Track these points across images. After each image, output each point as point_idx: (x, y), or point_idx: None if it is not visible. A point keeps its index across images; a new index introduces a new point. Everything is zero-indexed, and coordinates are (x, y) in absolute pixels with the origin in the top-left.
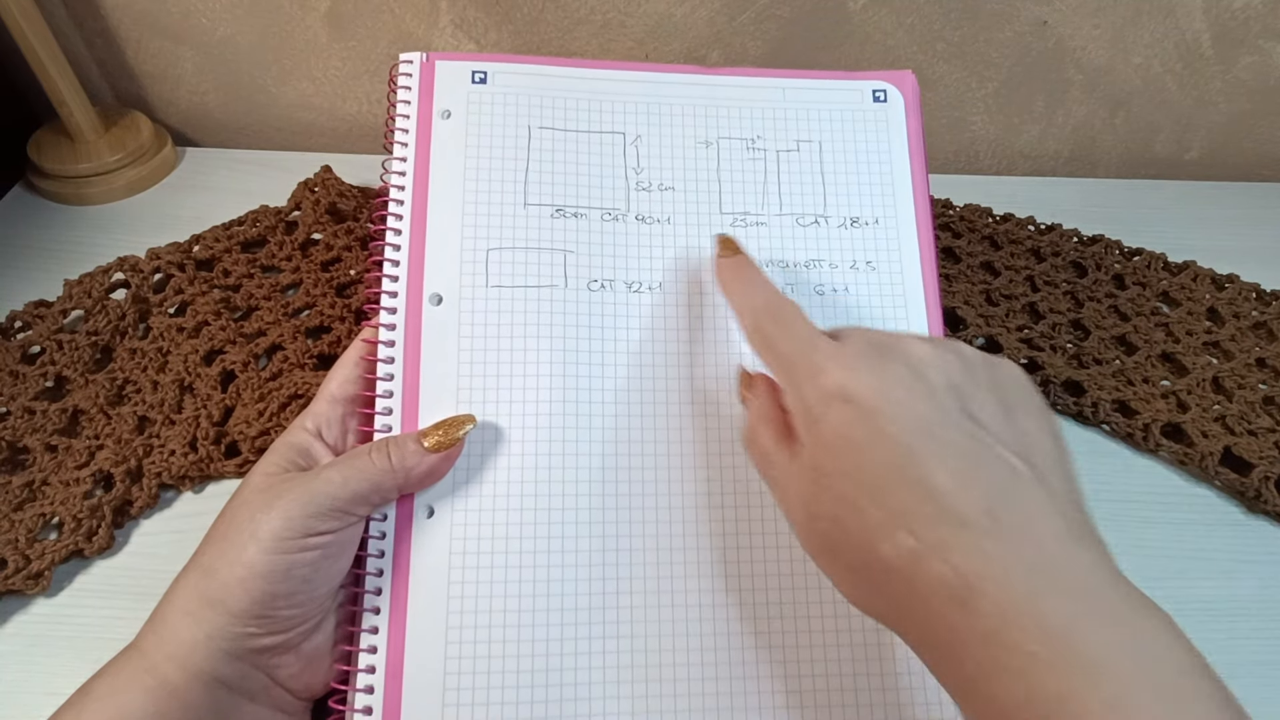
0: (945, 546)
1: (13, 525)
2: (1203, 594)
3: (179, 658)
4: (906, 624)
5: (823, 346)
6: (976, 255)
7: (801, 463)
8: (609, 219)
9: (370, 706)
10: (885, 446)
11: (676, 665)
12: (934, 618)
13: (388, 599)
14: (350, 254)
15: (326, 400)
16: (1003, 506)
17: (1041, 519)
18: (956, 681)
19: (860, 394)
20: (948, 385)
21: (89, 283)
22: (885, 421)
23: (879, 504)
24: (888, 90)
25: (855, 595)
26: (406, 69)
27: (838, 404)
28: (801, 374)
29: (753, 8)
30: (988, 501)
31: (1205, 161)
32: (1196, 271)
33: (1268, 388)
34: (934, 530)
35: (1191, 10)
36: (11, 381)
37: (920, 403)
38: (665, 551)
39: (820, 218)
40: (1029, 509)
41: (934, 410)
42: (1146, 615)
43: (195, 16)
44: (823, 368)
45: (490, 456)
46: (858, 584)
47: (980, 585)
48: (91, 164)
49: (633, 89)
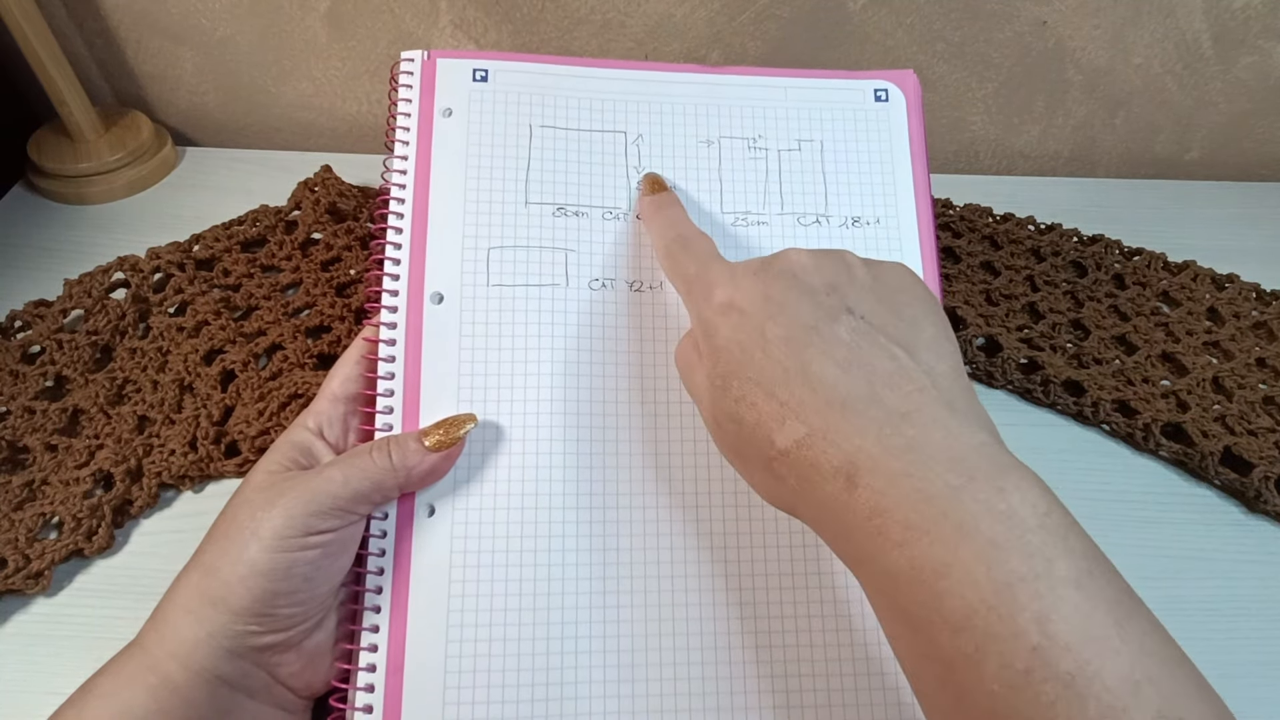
0: (830, 430)
1: (13, 525)
2: (1203, 594)
3: (180, 656)
4: (805, 508)
5: (716, 267)
6: (977, 255)
7: (706, 372)
8: (610, 218)
9: (371, 705)
10: (771, 345)
11: (676, 665)
12: (825, 498)
13: (388, 598)
14: (350, 253)
15: (328, 399)
16: (883, 390)
17: (920, 399)
18: (851, 556)
19: (745, 302)
20: (827, 285)
21: (89, 282)
22: (769, 323)
23: (770, 398)
24: (889, 90)
25: (764, 489)
26: (408, 67)
27: (727, 313)
28: (698, 292)
29: (752, 8)
30: (869, 387)
31: (1205, 161)
32: (1196, 271)
33: (1268, 387)
34: (819, 416)
35: (1191, 10)
36: (11, 381)
37: (801, 303)
38: (665, 551)
39: (821, 217)
40: (908, 391)
41: (814, 308)
42: (1017, 478)
43: (195, 17)
44: (715, 283)
45: (491, 455)
46: (764, 479)
47: (862, 463)
48: (91, 163)
49: (634, 88)
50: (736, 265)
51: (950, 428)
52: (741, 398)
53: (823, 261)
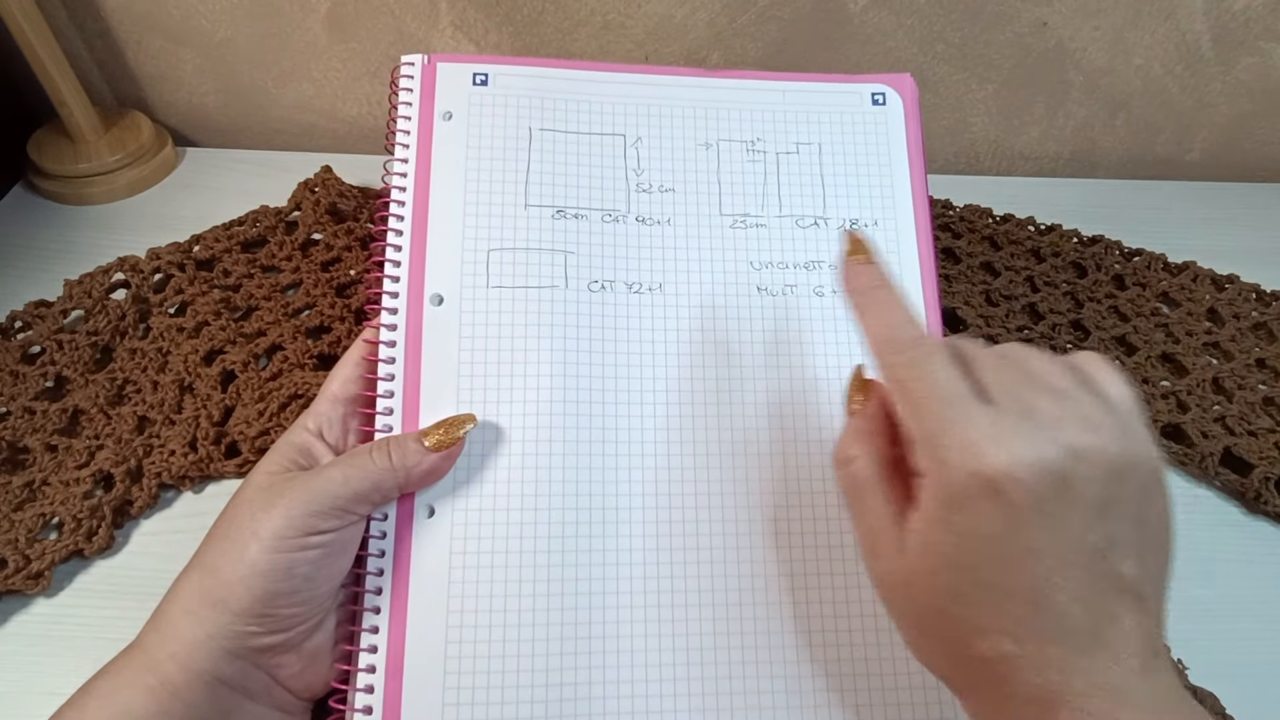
0: (1042, 659)
1: (13, 525)
2: (1203, 594)
3: (180, 656)
4: (973, 699)
5: (976, 416)
6: (976, 256)
7: (915, 533)
8: (609, 220)
9: (370, 706)
10: (1018, 555)
11: (676, 665)
12: (1012, 715)
13: (388, 598)
14: (350, 254)
15: (328, 400)
16: (1106, 627)
17: (1135, 641)
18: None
19: (1014, 493)
20: (1099, 500)
21: (89, 283)
22: (1030, 531)
23: (991, 605)
24: (886, 93)
25: (934, 664)
26: (408, 70)
27: (986, 495)
28: (950, 443)
29: (753, 9)
30: (1093, 623)
31: (1206, 163)
32: (1196, 272)
33: (1268, 388)
34: (1037, 642)
35: (1192, 12)
36: (12, 381)
37: (1067, 517)
38: (665, 551)
39: (820, 219)
40: (1127, 630)
41: (1077, 528)
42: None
43: (196, 18)
44: (977, 445)
45: (491, 456)
46: (942, 660)
47: (1067, 699)
48: (92, 164)
49: (633, 91)
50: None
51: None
52: (954, 587)
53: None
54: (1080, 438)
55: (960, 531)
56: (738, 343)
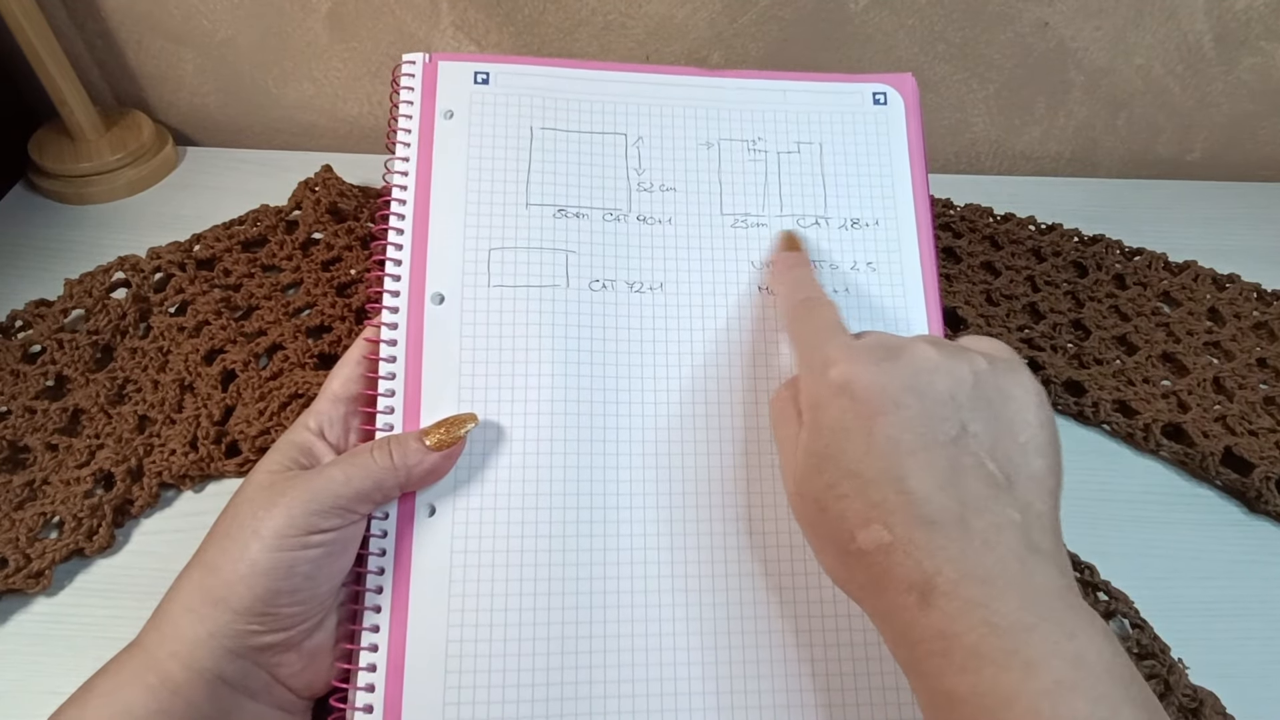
0: (914, 544)
1: (13, 524)
2: (1203, 594)
3: (181, 655)
4: (869, 603)
5: (838, 341)
6: (977, 255)
7: (804, 443)
8: (610, 219)
9: (371, 705)
10: (876, 442)
11: (677, 665)
12: (894, 606)
13: (389, 598)
14: (351, 253)
15: (329, 399)
16: (973, 516)
17: (1006, 534)
18: (908, 664)
19: (860, 389)
20: (949, 396)
21: (90, 282)
22: (880, 419)
23: (862, 495)
24: (888, 93)
25: (831, 570)
26: (409, 69)
27: (840, 395)
28: (815, 362)
29: (754, 9)
30: (960, 509)
31: (1207, 162)
32: (1197, 271)
33: (1268, 388)
34: (906, 528)
35: (1193, 12)
36: (12, 381)
37: (916, 407)
38: (665, 551)
39: (821, 219)
40: (998, 521)
41: (928, 418)
42: (1087, 624)
43: (196, 18)
44: (834, 358)
45: (492, 455)
46: (834, 564)
47: (939, 585)
48: (92, 163)
49: (635, 90)
50: (860, 345)
51: (1029, 565)
52: (833, 485)
53: (950, 365)
54: (931, 354)
55: (825, 427)
56: (738, 342)
